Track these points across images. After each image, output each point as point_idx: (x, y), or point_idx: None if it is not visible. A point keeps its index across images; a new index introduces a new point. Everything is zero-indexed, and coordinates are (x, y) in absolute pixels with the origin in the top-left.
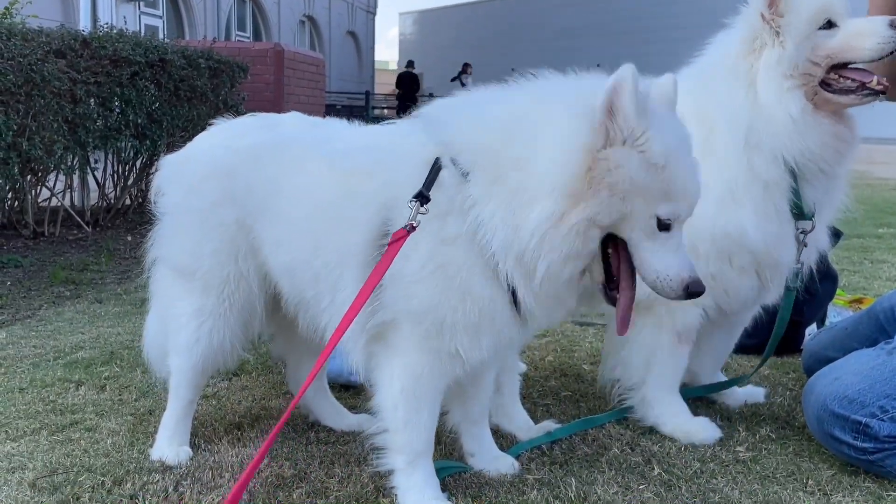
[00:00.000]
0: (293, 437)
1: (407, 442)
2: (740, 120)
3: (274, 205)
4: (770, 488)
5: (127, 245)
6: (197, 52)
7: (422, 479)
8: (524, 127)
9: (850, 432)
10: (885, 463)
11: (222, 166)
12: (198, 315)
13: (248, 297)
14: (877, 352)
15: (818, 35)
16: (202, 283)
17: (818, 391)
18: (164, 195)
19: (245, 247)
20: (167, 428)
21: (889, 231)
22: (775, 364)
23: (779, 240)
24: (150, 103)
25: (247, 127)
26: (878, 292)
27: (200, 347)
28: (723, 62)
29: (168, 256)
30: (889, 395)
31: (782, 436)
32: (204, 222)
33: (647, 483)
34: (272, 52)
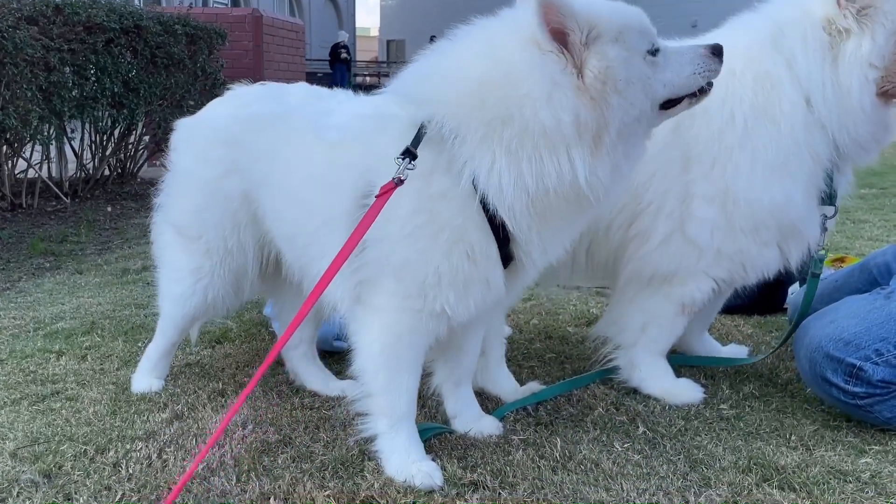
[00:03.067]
0: (278, 403)
1: (389, 404)
2: (817, 95)
3: (274, 175)
4: (753, 444)
5: (107, 216)
6: (173, 18)
7: (406, 441)
8: (494, 84)
9: (843, 375)
10: (872, 409)
11: (228, 134)
12: (196, 273)
13: (243, 264)
14: (874, 296)
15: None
16: (204, 247)
17: (813, 333)
18: (177, 155)
19: (246, 218)
20: (150, 360)
21: (871, 192)
22: (759, 323)
23: (813, 219)
24: (126, 71)
25: (254, 96)
26: (860, 251)
27: (195, 301)
28: (800, 26)
29: (173, 215)
30: (885, 339)
31: (765, 393)
32: (211, 193)
33: (632, 442)
34: (250, 17)
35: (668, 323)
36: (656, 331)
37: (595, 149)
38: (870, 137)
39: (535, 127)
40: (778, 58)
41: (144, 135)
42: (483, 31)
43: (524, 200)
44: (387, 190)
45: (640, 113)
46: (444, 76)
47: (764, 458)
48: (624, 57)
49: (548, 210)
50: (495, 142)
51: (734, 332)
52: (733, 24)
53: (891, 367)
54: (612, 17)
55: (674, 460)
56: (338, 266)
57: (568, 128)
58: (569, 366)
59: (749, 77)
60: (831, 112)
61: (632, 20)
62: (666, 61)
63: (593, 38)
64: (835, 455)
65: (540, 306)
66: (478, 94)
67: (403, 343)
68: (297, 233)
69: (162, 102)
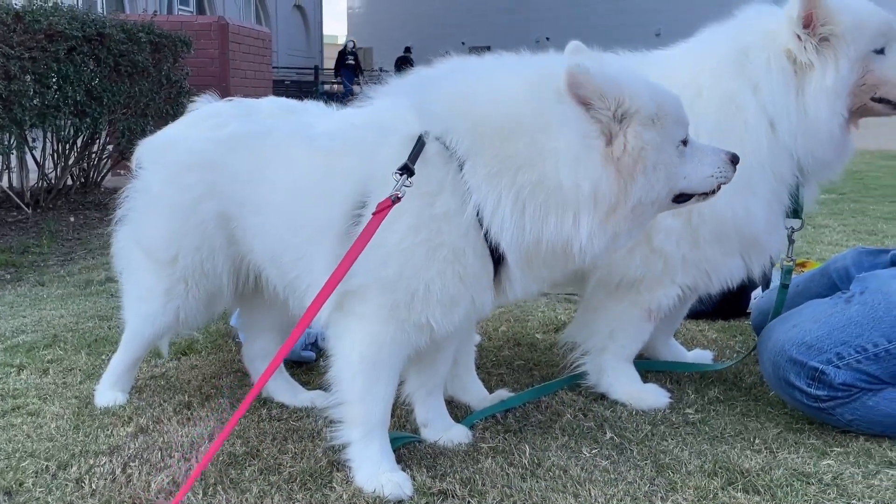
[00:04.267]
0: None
1: (364, 413)
2: (782, 122)
3: (256, 195)
4: (718, 448)
5: (70, 226)
6: (137, 25)
7: (378, 451)
8: (523, 128)
9: (805, 378)
10: (834, 412)
11: (204, 158)
12: (167, 293)
13: (218, 286)
14: (834, 300)
15: (872, 58)
16: (180, 272)
17: (776, 337)
18: (145, 175)
19: (221, 240)
20: (113, 373)
21: (831, 197)
22: (723, 327)
23: (776, 232)
24: (88, 79)
25: (226, 115)
26: (821, 256)
27: (165, 319)
28: (764, 54)
29: (142, 236)
30: (846, 343)
31: (730, 397)
32: (186, 218)
33: (600, 447)
34: (216, 25)
35: (635, 328)
36: (623, 336)
37: (605, 220)
38: (835, 159)
39: (551, 182)
40: (743, 81)
41: (108, 143)
42: (525, 68)
43: (519, 243)
44: (383, 208)
45: (657, 197)
46: (473, 98)
47: (729, 462)
48: (658, 142)
49: (535, 255)
50: (506, 182)
51: (699, 336)
52: (700, 39)
53: (852, 371)
54: (652, 99)
55: (641, 465)
56: (334, 284)
57: (584, 194)
58: (537, 372)
59: (715, 98)
60: (797, 138)
61: (671, 107)
62: (691, 155)
63: (626, 114)
64: (798, 457)
65: (509, 313)
66: (504, 129)
67: (384, 352)
68: (282, 249)
69: (126, 111)
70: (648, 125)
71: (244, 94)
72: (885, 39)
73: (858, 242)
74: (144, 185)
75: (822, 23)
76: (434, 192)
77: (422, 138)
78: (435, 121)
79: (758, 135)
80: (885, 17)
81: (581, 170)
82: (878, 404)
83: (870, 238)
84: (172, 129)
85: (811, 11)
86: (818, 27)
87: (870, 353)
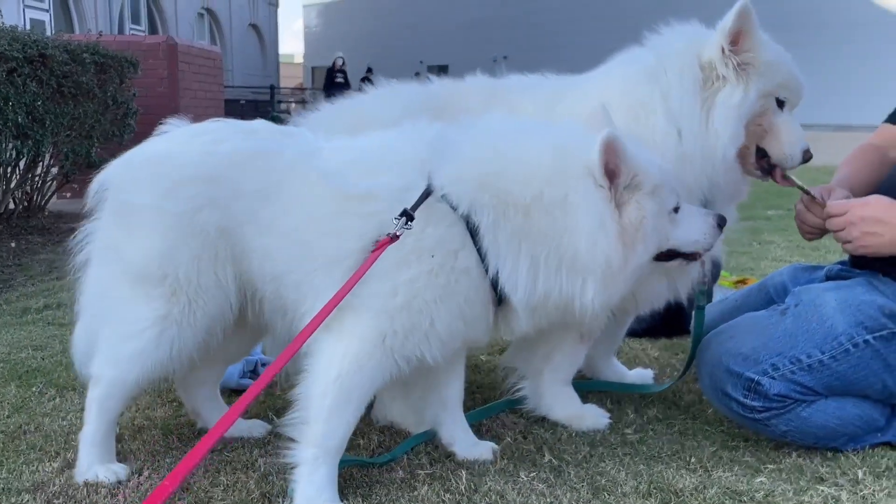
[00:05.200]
0: (177, 447)
1: (323, 433)
2: (686, 129)
3: (264, 214)
4: (655, 468)
5: (10, 252)
6: (81, 46)
7: (324, 477)
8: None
9: (742, 389)
10: (770, 423)
11: (204, 171)
12: (160, 322)
13: (221, 306)
14: (770, 313)
15: (773, 105)
16: (171, 289)
17: (713, 349)
18: (123, 195)
19: (225, 253)
20: (94, 445)
21: (777, 213)
22: (664, 346)
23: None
24: (30, 101)
25: (221, 132)
26: (764, 272)
27: (157, 355)
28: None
29: (125, 259)
30: (781, 353)
31: (669, 416)
32: (183, 227)
33: (538, 470)
34: (164, 45)
35: (569, 351)
36: (559, 358)
37: (608, 284)
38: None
39: (567, 251)
40: (655, 88)
41: (52, 166)
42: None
43: (529, 300)
44: (382, 244)
45: (647, 260)
46: (498, 176)
47: (664, 482)
48: (655, 211)
49: (541, 308)
50: (524, 248)
51: (641, 355)
52: (621, 58)
53: (787, 382)
54: (652, 171)
55: (577, 488)
56: (329, 311)
57: (597, 264)
58: (479, 395)
59: (625, 106)
60: (696, 149)
61: (667, 178)
62: (681, 220)
63: (634, 185)
64: (731, 475)
65: None
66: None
67: (363, 375)
68: (287, 272)
69: (70, 133)
70: (648, 196)
71: (195, 114)
72: (787, 93)
73: (802, 258)
74: (125, 204)
75: (747, 49)
76: (457, 249)
77: (429, 189)
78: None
79: (665, 142)
80: (795, 77)
81: (597, 245)
82: (812, 416)
83: (813, 254)
84: (157, 146)
85: (741, 30)
86: (742, 51)
87: (804, 364)
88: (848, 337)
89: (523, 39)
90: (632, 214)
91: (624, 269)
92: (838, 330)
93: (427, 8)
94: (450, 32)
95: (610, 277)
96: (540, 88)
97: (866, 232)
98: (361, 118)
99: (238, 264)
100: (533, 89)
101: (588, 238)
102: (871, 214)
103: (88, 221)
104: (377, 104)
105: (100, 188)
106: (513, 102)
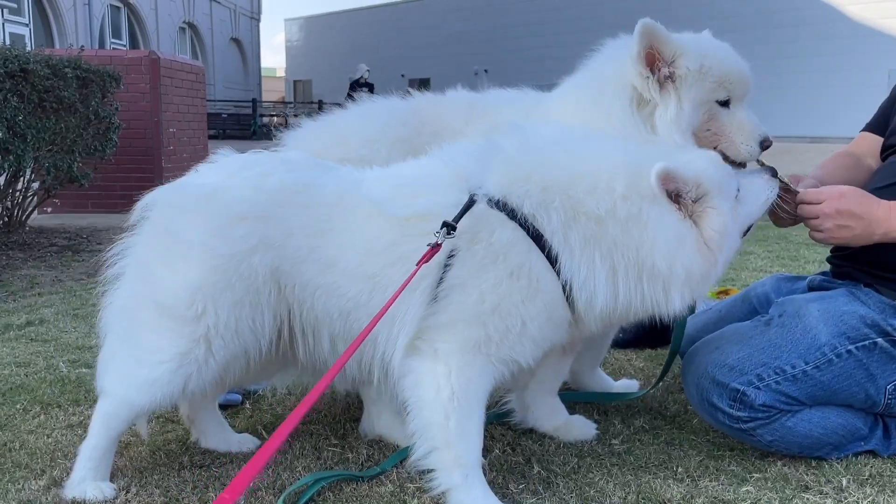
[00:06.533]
0: (165, 463)
1: (462, 453)
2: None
3: (321, 250)
4: (643, 478)
5: None
6: (63, 61)
7: (481, 493)
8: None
9: (728, 400)
10: (755, 433)
11: (255, 209)
12: (180, 358)
13: (247, 349)
14: (754, 323)
15: (717, 108)
16: (203, 330)
17: (699, 360)
18: (169, 224)
19: (269, 294)
20: (92, 459)
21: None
22: (649, 356)
23: None
24: (11, 116)
25: (267, 166)
26: (745, 283)
27: (170, 389)
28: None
29: (154, 287)
30: (766, 364)
31: (655, 426)
32: (229, 271)
33: (527, 482)
34: (146, 60)
35: (552, 364)
36: (543, 372)
37: (692, 290)
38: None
39: (646, 263)
40: (599, 110)
41: (33, 181)
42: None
43: (612, 309)
44: (428, 253)
45: (737, 247)
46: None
47: (651, 492)
48: (728, 206)
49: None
50: (599, 255)
51: (626, 366)
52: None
53: (772, 392)
54: (709, 174)
55: (566, 499)
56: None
57: (678, 276)
58: None
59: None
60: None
61: (723, 170)
62: (745, 195)
63: (701, 194)
64: (718, 485)
65: None
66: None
67: (474, 386)
68: (355, 308)
69: (52, 147)
70: (718, 197)
71: (177, 128)
72: (726, 93)
73: (782, 268)
74: (166, 232)
75: (667, 63)
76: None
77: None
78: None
79: None
80: (730, 71)
81: (676, 258)
82: (797, 425)
83: (792, 263)
84: (205, 178)
85: (650, 49)
86: (661, 67)
87: (788, 374)
88: (831, 347)
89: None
90: (714, 222)
91: (715, 269)
92: (821, 340)
93: (408, 22)
94: (431, 46)
95: (696, 283)
96: (519, 104)
97: (840, 225)
98: (343, 134)
99: (286, 306)
100: (511, 104)
101: (666, 253)
102: (847, 208)
103: (127, 236)
104: (358, 120)
105: (146, 207)
106: (492, 117)
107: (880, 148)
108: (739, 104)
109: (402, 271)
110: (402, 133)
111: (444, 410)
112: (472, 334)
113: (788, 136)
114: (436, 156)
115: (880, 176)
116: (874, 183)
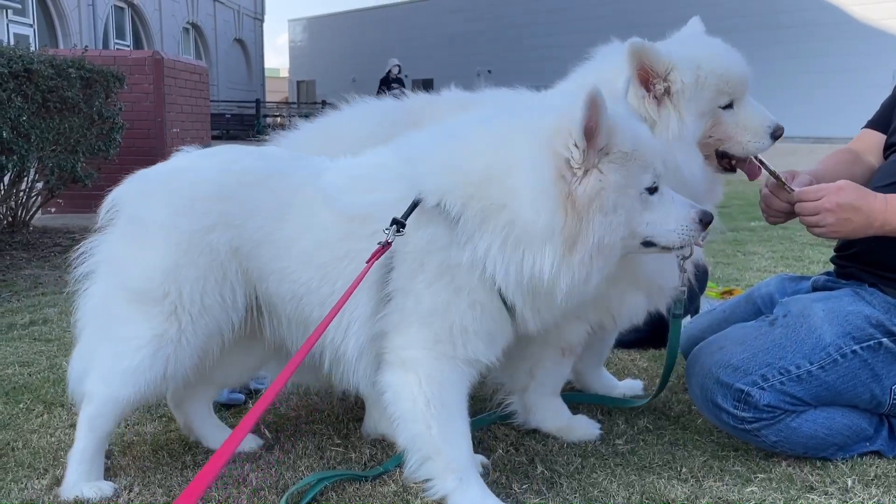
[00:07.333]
0: (167, 462)
1: (451, 457)
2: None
3: (278, 234)
4: (647, 478)
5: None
6: (67, 61)
7: (478, 492)
8: (498, 177)
9: (732, 400)
10: (760, 433)
11: (217, 189)
12: (156, 340)
13: (219, 325)
14: (759, 324)
15: (720, 112)
16: (170, 308)
17: (703, 360)
18: (135, 209)
19: (233, 272)
20: (83, 462)
21: (761, 224)
22: (653, 356)
23: (669, 266)
24: (15, 116)
25: (236, 153)
26: (750, 283)
27: (151, 375)
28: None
29: (124, 276)
30: (770, 364)
31: (659, 426)
32: (191, 247)
33: (531, 482)
34: (150, 60)
35: (552, 366)
36: (542, 373)
37: (567, 253)
38: (705, 192)
39: (519, 219)
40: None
41: (37, 181)
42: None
43: (508, 279)
44: (376, 252)
45: (620, 238)
46: (457, 164)
47: (656, 492)
48: (620, 185)
49: (531, 294)
50: (491, 227)
51: (630, 366)
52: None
53: (776, 392)
54: (627, 139)
55: (570, 499)
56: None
57: (542, 227)
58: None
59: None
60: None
61: (647, 152)
62: (658, 205)
63: (605, 152)
64: (722, 485)
65: None
66: (481, 185)
67: (446, 390)
68: (308, 292)
69: (55, 147)
70: (614, 167)
71: (181, 128)
72: (728, 97)
73: (786, 268)
74: (132, 220)
75: (661, 78)
76: (447, 245)
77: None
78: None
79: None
80: (727, 74)
81: (539, 205)
82: (801, 426)
83: (797, 264)
84: (172, 164)
85: (642, 70)
86: (655, 84)
87: (793, 374)
88: (836, 347)
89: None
90: (590, 182)
91: (584, 239)
92: (826, 340)
93: (411, 22)
94: (434, 47)
95: (567, 246)
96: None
97: (841, 219)
98: (338, 135)
99: (252, 283)
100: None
101: (529, 199)
102: (846, 201)
103: (95, 235)
104: (353, 121)
105: (112, 204)
106: None
107: (882, 145)
108: (742, 101)
109: (352, 269)
110: (395, 133)
111: (424, 420)
112: (424, 335)
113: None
114: (388, 148)
115: (882, 174)
116: (876, 181)
